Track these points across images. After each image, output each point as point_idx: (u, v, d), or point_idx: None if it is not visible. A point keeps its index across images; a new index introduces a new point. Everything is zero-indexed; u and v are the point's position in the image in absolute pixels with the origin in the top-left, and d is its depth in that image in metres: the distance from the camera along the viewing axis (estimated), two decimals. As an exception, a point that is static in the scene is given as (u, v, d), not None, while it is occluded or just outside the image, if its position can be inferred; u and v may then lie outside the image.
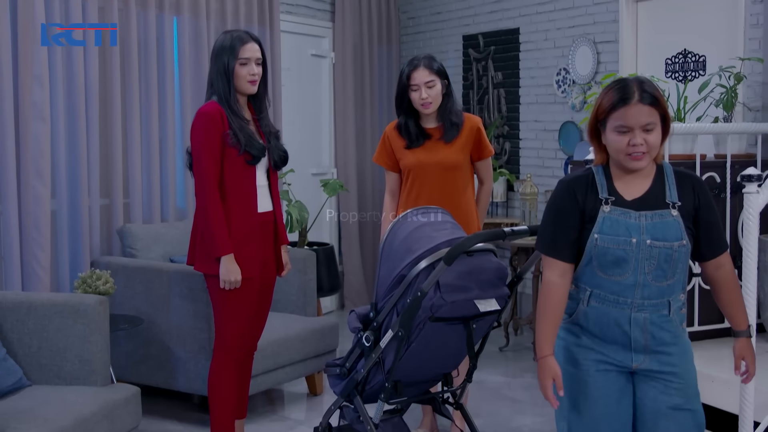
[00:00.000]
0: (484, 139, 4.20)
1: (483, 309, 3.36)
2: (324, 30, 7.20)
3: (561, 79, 6.29)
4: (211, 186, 3.76)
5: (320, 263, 5.91)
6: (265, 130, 3.99)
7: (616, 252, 2.64)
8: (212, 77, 3.86)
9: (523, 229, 3.33)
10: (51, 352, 3.83)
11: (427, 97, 4.05)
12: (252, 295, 3.92)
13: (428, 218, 3.55)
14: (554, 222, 2.74)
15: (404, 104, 4.15)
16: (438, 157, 4.13)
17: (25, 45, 4.60)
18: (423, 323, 3.29)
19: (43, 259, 4.65)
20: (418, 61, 4.11)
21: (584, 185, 2.72)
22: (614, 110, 2.61)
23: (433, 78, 4.06)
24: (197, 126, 3.78)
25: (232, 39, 3.84)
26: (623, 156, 2.63)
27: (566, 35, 6.25)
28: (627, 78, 2.72)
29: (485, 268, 3.42)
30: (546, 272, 2.74)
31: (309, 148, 7.12)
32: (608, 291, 2.69)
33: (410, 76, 4.07)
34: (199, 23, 5.65)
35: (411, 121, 4.17)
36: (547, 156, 6.48)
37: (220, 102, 3.81)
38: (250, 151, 3.81)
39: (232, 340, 3.92)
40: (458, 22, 7.21)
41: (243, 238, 3.86)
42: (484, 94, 7.00)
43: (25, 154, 4.62)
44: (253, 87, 3.89)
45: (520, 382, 5.48)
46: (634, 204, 2.68)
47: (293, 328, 4.87)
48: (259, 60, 3.90)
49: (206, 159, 3.75)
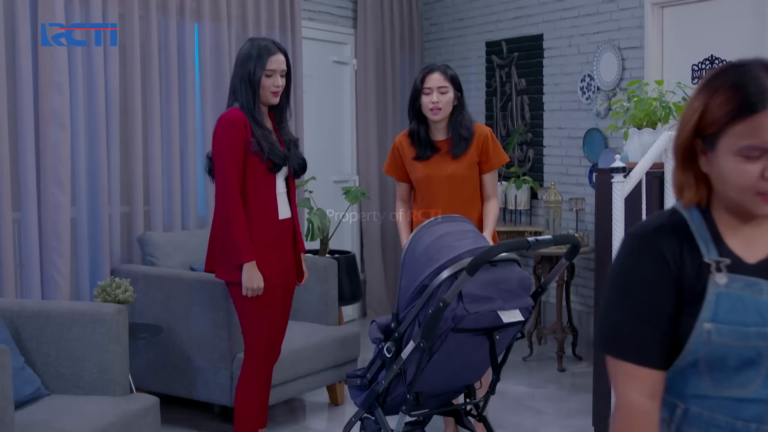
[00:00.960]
0: (491, 148, 4.13)
1: (506, 320, 3.31)
2: (346, 36, 7.16)
3: (585, 85, 6.21)
4: (233, 193, 3.72)
5: (341, 271, 5.86)
6: (285, 138, 3.96)
7: (743, 351, 1.62)
8: (235, 85, 3.83)
9: (547, 238, 3.27)
10: (69, 362, 3.80)
11: (437, 102, 4.03)
12: (276, 301, 3.90)
13: (450, 227, 3.49)
14: (631, 305, 1.67)
15: (415, 109, 4.13)
16: (446, 171, 4.10)
17: (45, 51, 4.58)
18: (445, 334, 3.24)
19: (63, 267, 4.63)
20: (434, 65, 4.15)
21: (676, 241, 1.67)
22: (738, 120, 1.58)
23: (446, 84, 4.06)
24: (220, 132, 3.75)
25: (260, 48, 3.80)
26: (750, 196, 1.61)
27: (590, 41, 6.17)
28: (748, 62, 1.63)
29: (509, 279, 3.36)
30: (623, 388, 1.67)
31: (331, 156, 7.08)
32: (719, 411, 1.67)
33: (424, 79, 4.07)
34: (220, 30, 5.63)
35: (422, 129, 4.15)
36: (572, 163, 6.40)
37: (242, 110, 3.78)
38: (272, 159, 3.78)
39: (262, 348, 3.90)
40: (481, 29, 7.15)
41: (265, 245, 3.83)
42: (507, 101, 6.94)
43: (44, 161, 4.60)
44: (276, 98, 3.86)
45: (544, 392, 5.41)
46: (763, 269, 1.66)
47: (314, 338, 4.83)
48: (284, 72, 3.86)
49: (229, 166, 3.72)
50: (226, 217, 3.74)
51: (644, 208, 4.13)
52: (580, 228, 6.15)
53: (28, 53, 4.52)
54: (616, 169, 3.89)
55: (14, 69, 4.51)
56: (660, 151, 4.11)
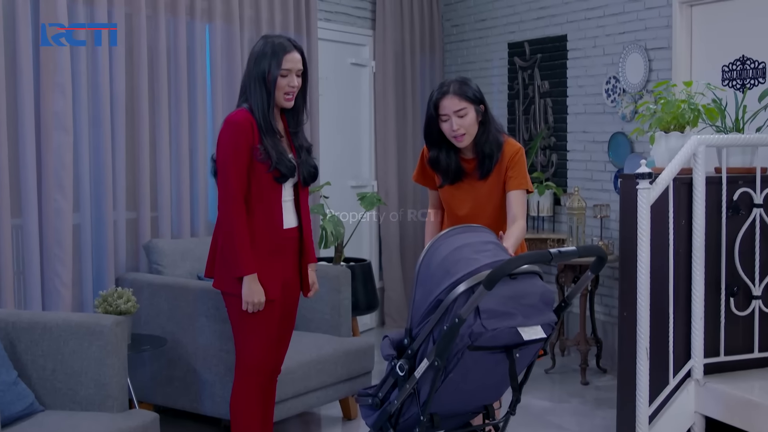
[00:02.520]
0: (512, 169, 3.72)
1: (527, 337, 3.09)
2: (364, 38, 6.96)
3: (610, 87, 5.99)
4: (236, 200, 3.53)
5: (357, 280, 5.66)
6: (297, 144, 3.73)
7: None
8: (247, 84, 3.60)
9: (571, 250, 3.05)
10: (66, 376, 3.64)
11: (458, 129, 3.62)
12: (273, 317, 3.68)
13: (469, 238, 3.27)
14: None
15: (434, 136, 3.74)
16: (472, 195, 3.79)
17: (46, 52, 4.41)
18: (461, 352, 3.03)
19: (65, 275, 4.46)
20: (446, 87, 3.66)
21: None
22: None
23: (464, 105, 3.62)
24: (226, 135, 3.55)
25: (275, 46, 3.57)
26: None
27: (616, 42, 5.94)
28: None
29: (530, 293, 3.14)
30: None
31: (348, 160, 6.89)
32: None
33: (438, 105, 3.65)
34: (232, 31, 5.44)
35: (444, 154, 3.76)
36: (596, 168, 6.17)
37: (252, 112, 3.56)
38: (279, 169, 3.57)
39: (254, 362, 3.69)
40: (503, 29, 6.94)
41: (266, 257, 3.63)
42: (530, 104, 6.72)
43: (46, 165, 4.43)
44: (290, 102, 3.63)
45: (567, 407, 5.19)
46: None
47: (325, 350, 4.63)
48: (300, 71, 3.63)
49: (232, 171, 3.52)
50: (227, 225, 3.55)
51: (671, 216, 3.91)
52: (604, 236, 5.92)
53: (29, 54, 4.36)
54: (641, 175, 3.68)
55: (14, 70, 4.35)
56: (688, 155, 3.90)
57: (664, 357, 4.04)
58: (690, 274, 4.08)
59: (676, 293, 4.05)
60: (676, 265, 4.04)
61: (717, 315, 4.17)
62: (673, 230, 3.98)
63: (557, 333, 5.98)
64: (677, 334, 4.08)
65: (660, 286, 4.00)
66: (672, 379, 4.07)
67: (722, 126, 4.23)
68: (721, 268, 4.16)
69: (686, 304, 4.11)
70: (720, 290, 4.16)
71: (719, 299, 4.16)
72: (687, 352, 4.13)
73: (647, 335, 3.90)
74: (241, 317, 3.63)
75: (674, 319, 4.05)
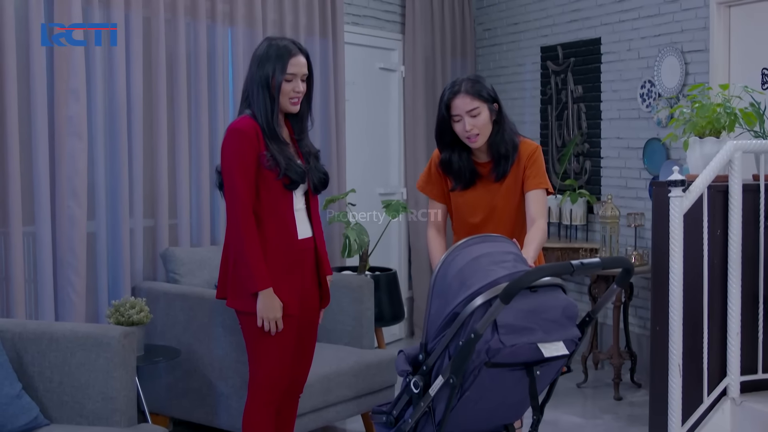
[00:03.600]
0: (530, 168, 3.54)
1: (548, 354, 2.91)
2: (393, 42, 6.82)
3: (645, 92, 5.78)
4: (245, 212, 3.35)
5: (381, 290, 5.51)
6: (305, 150, 3.57)
7: None
8: (250, 89, 3.44)
9: (594, 262, 2.87)
10: (73, 388, 3.52)
11: (471, 129, 3.43)
12: (290, 333, 3.50)
13: (488, 248, 3.10)
14: None
15: (446, 137, 3.55)
16: (487, 199, 3.60)
17: (60, 56, 4.33)
18: (478, 369, 2.86)
19: (79, 285, 4.36)
20: (458, 86, 3.47)
21: None
22: None
23: (477, 104, 3.44)
24: (230, 144, 3.38)
25: (279, 49, 3.41)
26: None
27: (651, 45, 5.74)
28: None
29: (551, 307, 2.97)
30: None
31: (376, 167, 6.74)
32: None
33: (450, 105, 3.47)
34: (255, 35, 5.33)
35: (457, 156, 3.57)
36: (631, 176, 5.97)
37: (256, 118, 3.41)
38: (289, 175, 3.41)
39: (267, 381, 3.52)
40: (536, 33, 6.76)
41: (282, 270, 3.45)
42: (563, 110, 6.53)
43: (60, 172, 4.34)
44: (295, 107, 3.47)
45: (599, 424, 5.00)
46: None
47: (346, 362, 4.48)
48: (305, 76, 3.47)
49: (240, 182, 3.35)
50: (238, 239, 3.37)
51: (705, 226, 3.71)
52: (639, 245, 5.71)
53: (42, 58, 4.27)
54: (673, 182, 3.49)
55: (27, 74, 4.26)
56: (724, 162, 3.70)
57: (698, 374, 3.84)
58: (725, 287, 3.87)
59: (710, 306, 3.84)
60: (711, 277, 3.84)
61: (754, 329, 3.95)
62: (708, 240, 3.78)
63: (589, 345, 5.78)
64: (712, 350, 3.87)
65: (694, 299, 3.81)
66: (706, 398, 3.86)
67: (761, 131, 4.02)
68: (758, 280, 3.93)
69: (722, 318, 3.90)
70: (757, 303, 3.94)
71: (756, 313, 3.94)
72: (722, 369, 3.92)
73: (680, 351, 3.70)
74: (257, 336, 3.46)
75: (709, 333, 3.84)
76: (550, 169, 6.62)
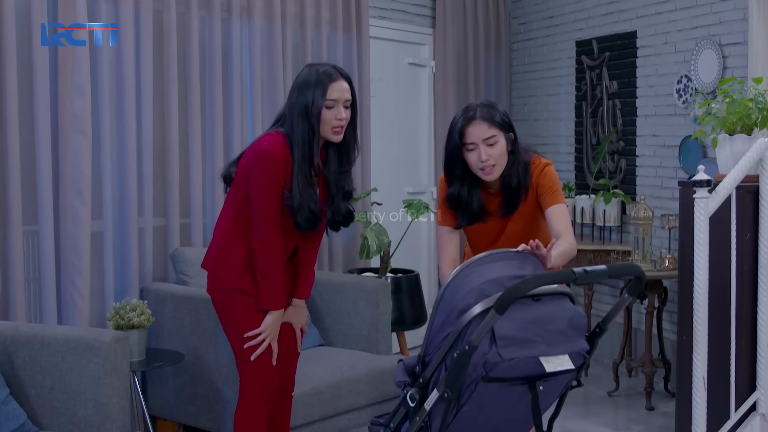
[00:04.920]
0: (542, 186, 3.29)
1: (551, 369, 2.70)
2: (423, 37, 6.61)
3: (682, 87, 5.51)
4: (274, 230, 3.26)
5: (403, 293, 5.33)
6: (333, 189, 3.37)
7: None
8: (289, 116, 3.23)
9: (599, 269, 2.66)
10: (64, 394, 3.41)
11: (488, 159, 3.17)
12: None
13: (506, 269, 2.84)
14: None
15: (458, 169, 3.27)
16: (498, 231, 3.38)
17: (65, 51, 4.21)
18: (475, 383, 2.67)
19: (83, 286, 4.23)
20: (473, 112, 3.20)
21: None
22: None
23: (494, 132, 3.18)
24: (261, 167, 3.20)
25: (319, 74, 3.20)
26: None
27: (688, 37, 5.47)
28: None
29: (556, 317, 2.76)
30: None
31: (404, 165, 6.55)
32: None
33: (464, 132, 3.19)
34: (273, 29, 5.16)
35: (467, 191, 3.29)
36: (666, 175, 5.70)
37: (291, 145, 3.21)
38: (298, 220, 3.27)
39: (257, 382, 3.41)
40: (571, 27, 6.52)
41: None
42: (597, 106, 6.28)
43: (63, 170, 4.22)
44: (338, 135, 3.24)
45: (629, 436, 4.78)
46: None
47: (359, 368, 4.32)
48: (348, 102, 3.25)
49: (269, 203, 3.22)
50: (264, 255, 3.28)
51: (734, 229, 3.47)
52: (673, 248, 5.45)
53: (46, 52, 4.15)
54: (698, 182, 3.26)
55: (30, 69, 4.14)
56: (754, 160, 3.46)
57: (725, 387, 3.61)
58: (755, 294, 3.63)
59: (739, 315, 3.60)
60: (740, 284, 3.60)
61: (787, 341, 3.71)
62: (736, 245, 3.53)
63: (621, 352, 5.53)
64: (740, 362, 3.63)
65: (721, 307, 3.58)
66: (734, 413, 3.63)
67: (796, 128, 3.77)
68: (791, 288, 3.69)
69: (751, 328, 3.66)
70: (790, 313, 3.70)
71: (789, 323, 3.70)
72: (752, 382, 3.68)
73: (705, 363, 3.46)
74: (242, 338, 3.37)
75: (737, 344, 3.60)
76: (584, 168, 6.38)
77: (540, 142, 6.85)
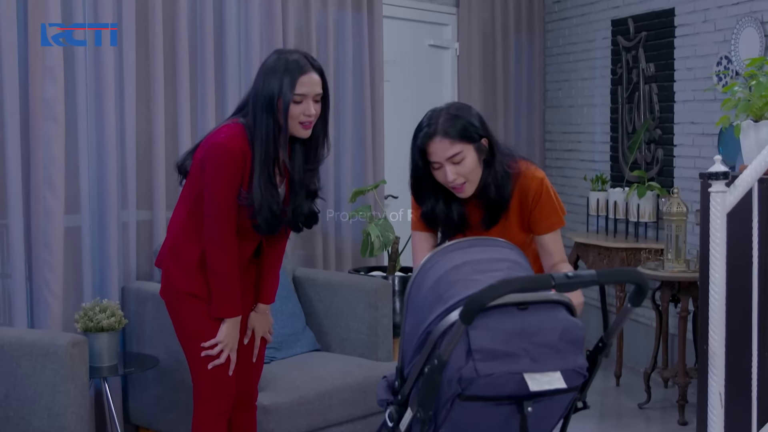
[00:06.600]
0: (537, 209, 2.92)
1: (535, 387, 2.32)
2: (446, 17, 6.20)
3: (722, 69, 5.04)
4: (226, 231, 2.96)
5: (407, 293, 4.96)
6: (297, 187, 3.05)
7: None
8: (252, 105, 2.91)
9: (586, 275, 2.28)
10: (19, 403, 3.16)
11: (455, 178, 2.80)
12: None
13: (477, 254, 2.52)
14: None
15: (426, 185, 2.89)
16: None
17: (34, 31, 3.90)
18: (450, 402, 2.32)
19: (55, 284, 3.91)
20: (434, 126, 2.78)
21: None
22: None
23: (458, 149, 2.77)
24: (215, 162, 2.89)
25: (288, 63, 2.87)
26: None
27: (728, 14, 4.99)
28: None
29: (545, 328, 2.37)
30: None
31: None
32: None
33: (424, 151, 2.80)
34: (273, 6, 4.80)
35: (443, 205, 2.92)
36: (705, 166, 5.17)
37: (252, 138, 2.89)
38: (258, 220, 2.96)
39: (213, 393, 3.11)
40: (607, 4, 6.08)
41: None
42: (634, 91, 5.83)
43: (34, 159, 3.90)
44: (307, 131, 2.93)
45: (656, 452, 4.36)
46: None
47: (354, 376, 3.98)
48: (318, 96, 2.93)
49: (223, 201, 2.92)
50: (216, 257, 2.98)
51: (755, 227, 3.03)
52: (711, 246, 4.98)
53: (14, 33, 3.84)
54: (714, 175, 2.84)
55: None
56: (781, 150, 3.01)
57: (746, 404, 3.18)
58: (782, 300, 3.19)
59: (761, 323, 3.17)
60: (762, 287, 3.16)
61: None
62: (759, 244, 3.10)
63: (652, 360, 5.08)
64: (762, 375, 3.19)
65: (741, 313, 3.16)
66: (757, 433, 3.20)
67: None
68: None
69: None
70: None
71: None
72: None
73: (722, 376, 3.02)
74: (196, 344, 3.08)
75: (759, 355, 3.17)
76: (620, 158, 5.94)
77: (574, 131, 6.44)
